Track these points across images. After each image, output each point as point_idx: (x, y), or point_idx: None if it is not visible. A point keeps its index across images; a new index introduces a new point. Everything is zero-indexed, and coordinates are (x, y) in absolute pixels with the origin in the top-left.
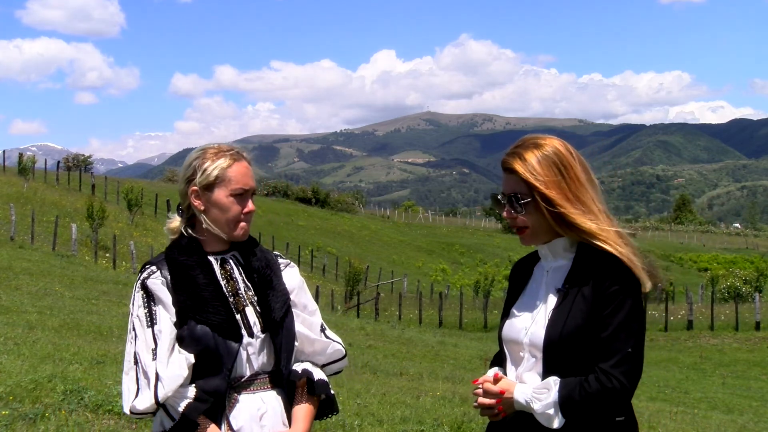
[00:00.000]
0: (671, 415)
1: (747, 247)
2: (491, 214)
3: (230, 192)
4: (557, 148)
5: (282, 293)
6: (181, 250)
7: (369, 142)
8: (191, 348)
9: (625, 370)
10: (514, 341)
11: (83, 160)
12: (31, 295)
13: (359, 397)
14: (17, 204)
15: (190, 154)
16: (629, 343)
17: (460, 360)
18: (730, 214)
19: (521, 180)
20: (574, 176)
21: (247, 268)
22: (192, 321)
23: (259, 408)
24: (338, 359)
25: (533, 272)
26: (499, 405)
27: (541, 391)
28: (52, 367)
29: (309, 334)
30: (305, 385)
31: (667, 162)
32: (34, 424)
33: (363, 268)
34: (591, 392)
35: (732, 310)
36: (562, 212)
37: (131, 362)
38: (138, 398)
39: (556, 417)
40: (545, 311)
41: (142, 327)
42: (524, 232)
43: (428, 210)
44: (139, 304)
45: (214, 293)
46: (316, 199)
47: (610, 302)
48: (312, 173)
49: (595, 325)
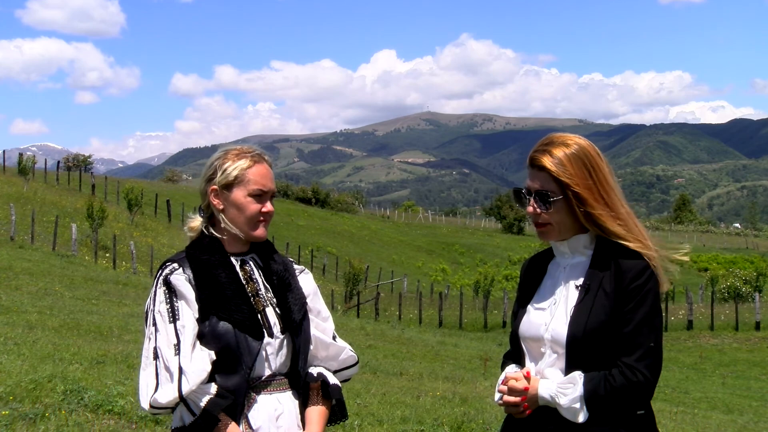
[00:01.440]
0: (671, 415)
1: (747, 247)
2: (491, 214)
3: (248, 192)
4: (585, 148)
5: (300, 297)
6: (202, 249)
7: (369, 142)
8: (212, 345)
9: (648, 364)
10: (533, 337)
11: (83, 160)
12: (31, 295)
13: (359, 397)
14: (17, 204)
15: (213, 154)
16: (651, 338)
17: (460, 360)
18: (730, 214)
19: (552, 178)
20: (602, 177)
21: (266, 270)
22: (214, 318)
23: (276, 408)
24: (351, 366)
25: (548, 269)
26: (524, 402)
27: (566, 386)
28: (52, 367)
29: (324, 339)
30: (320, 389)
31: (667, 162)
32: (34, 424)
33: (363, 268)
34: (616, 386)
35: (732, 310)
36: (592, 212)
37: (150, 357)
38: (159, 392)
39: (581, 411)
40: (565, 307)
41: (164, 322)
42: (546, 227)
43: (428, 210)
44: (161, 299)
45: (237, 292)
46: (316, 199)
47: (632, 298)
48: (312, 173)
49: (617, 320)
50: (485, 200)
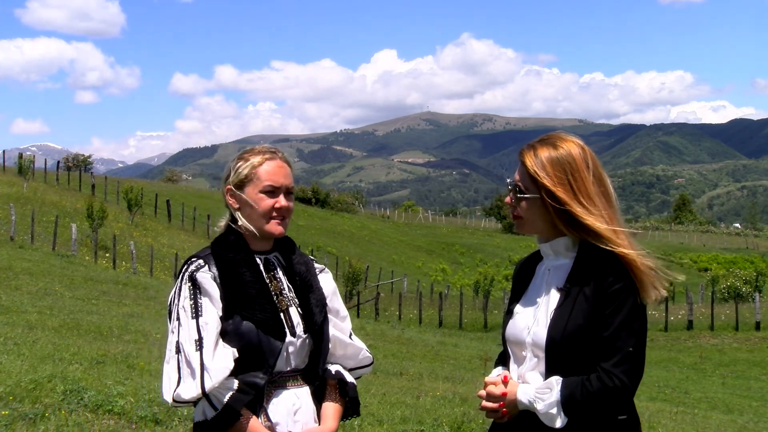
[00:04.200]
0: (671, 415)
1: (747, 247)
2: (491, 214)
3: (260, 189)
4: (571, 155)
5: (321, 298)
6: (227, 247)
7: (369, 142)
8: (234, 343)
9: (626, 369)
10: (516, 340)
11: (83, 160)
12: (31, 295)
13: (359, 397)
14: (17, 204)
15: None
16: (630, 342)
17: (460, 360)
18: (730, 214)
19: (528, 175)
20: (582, 185)
21: (288, 269)
22: (238, 316)
23: (294, 403)
24: (366, 365)
25: (536, 271)
26: (503, 408)
27: (543, 391)
28: (52, 367)
29: (343, 338)
30: (336, 386)
31: (667, 162)
32: (34, 424)
33: (363, 268)
34: (593, 391)
35: (732, 310)
36: (569, 210)
37: (173, 351)
38: (182, 387)
39: (558, 416)
40: (547, 310)
41: (186, 317)
42: (519, 220)
43: (428, 210)
44: (185, 295)
45: (261, 291)
46: (316, 199)
47: (612, 301)
48: (312, 173)
49: (596, 324)
50: (485, 200)
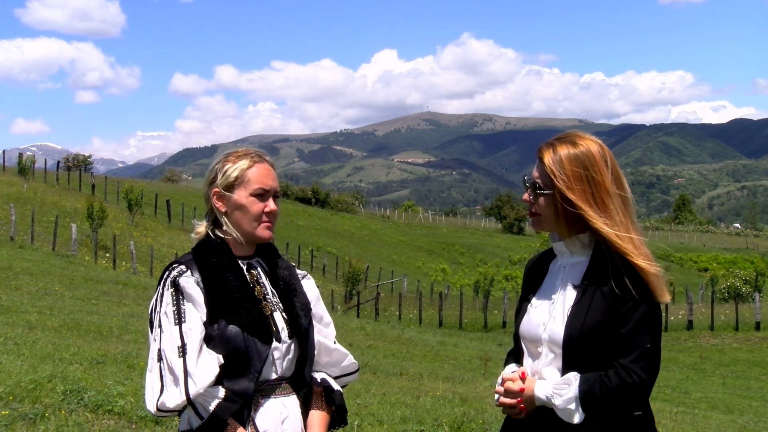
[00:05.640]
0: (671, 415)
1: (747, 247)
2: (491, 214)
3: (250, 192)
4: (591, 153)
5: (305, 302)
6: (210, 252)
7: (369, 142)
8: (220, 348)
9: (644, 365)
10: (532, 337)
11: (83, 160)
12: (31, 295)
13: (359, 397)
14: (17, 204)
15: (214, 158)
16: (648, 339)
17: (460, 360)
18: (730, 214)
19: (546, 172)
20: (600, 184)
21: (271, 274)
22: (223, 321)
23: (282, 412)
24: (351, 372)
25: (549, 269)
26: (521, 403)
27: (561, 386)
28: (52, 367)
29: (328, 344)
30: (323, 394)
31: (667, 162)
32: (34, 424)
33: (363, 268)
34: (611, 387)
35: (732, 310)
36: (581, 214)
37: (155, 359)
38: (165, 395)
39: (576, 412)
40: (563, 307)
41: (169, 324)
42: (536, 217)
43: (428, 210)
44: (167, 301)
45: (246, 295)
46: (316, 199)
47: (629, 299)
48: (312, 173)
49: (614, 321)
50: (485, 200)
